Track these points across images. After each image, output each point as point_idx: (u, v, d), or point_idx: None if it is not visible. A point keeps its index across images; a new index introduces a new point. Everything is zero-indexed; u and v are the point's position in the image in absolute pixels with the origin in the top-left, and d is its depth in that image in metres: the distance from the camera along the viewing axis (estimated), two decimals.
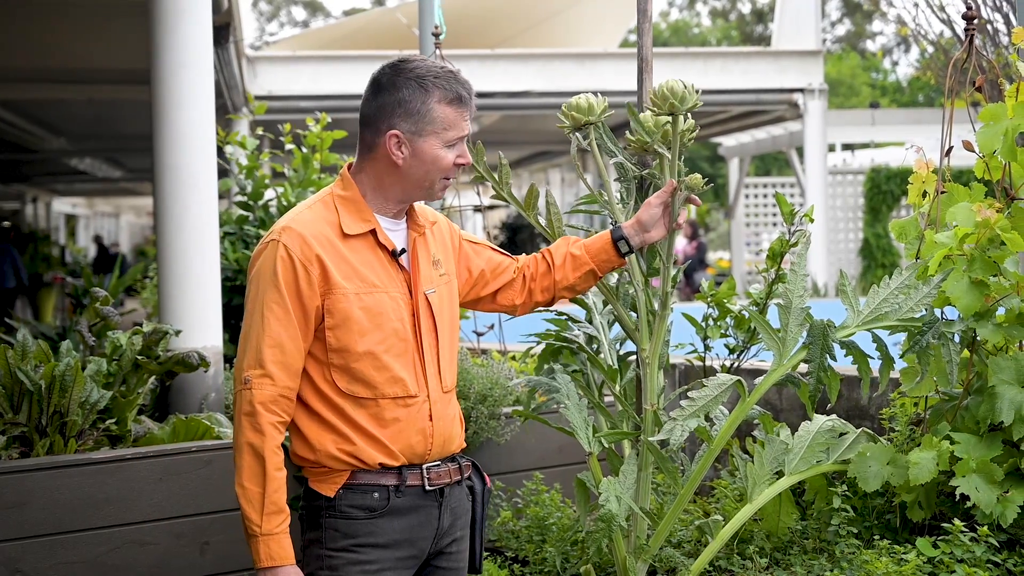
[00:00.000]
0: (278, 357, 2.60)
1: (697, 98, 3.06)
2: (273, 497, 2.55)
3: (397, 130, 2.66)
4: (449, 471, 2.75)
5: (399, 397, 2.67)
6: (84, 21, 9.62)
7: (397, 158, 2.67)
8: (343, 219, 2.68)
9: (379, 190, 2.72)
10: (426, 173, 2.69)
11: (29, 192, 26.88)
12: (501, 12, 20.01)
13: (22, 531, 3.67)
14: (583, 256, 3.03)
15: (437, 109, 2.66)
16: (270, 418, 2.57)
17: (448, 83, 2.68)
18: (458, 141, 2.71)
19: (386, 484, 2.66)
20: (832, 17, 47.67)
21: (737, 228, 21.65)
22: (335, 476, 2.65)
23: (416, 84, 2.66)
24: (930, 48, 9.86)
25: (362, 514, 2.64)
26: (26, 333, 4.29)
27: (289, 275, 2.60)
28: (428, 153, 2.67)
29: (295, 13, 56.67)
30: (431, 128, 2.67)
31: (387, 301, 2.67)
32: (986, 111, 3.43)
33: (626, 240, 3.02)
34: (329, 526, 2.65)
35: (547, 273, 3.04)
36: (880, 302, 3.23)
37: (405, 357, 2.69)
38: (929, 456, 3.26)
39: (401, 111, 2.66)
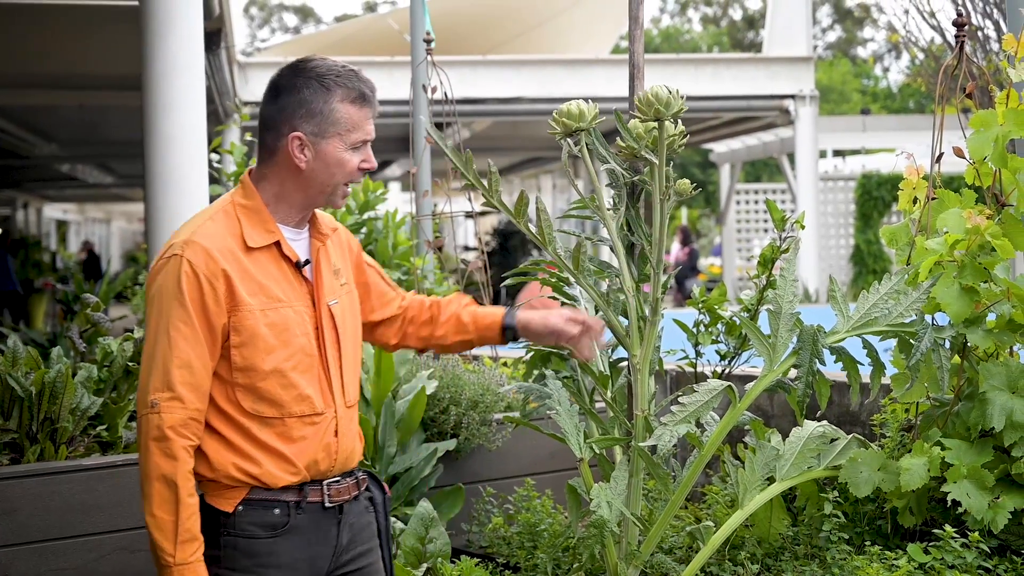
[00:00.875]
0: (187, 378, 2.46)
1: (682, 103, 3.07)
2: (187, 524, 2.43)
3: (299, 132, 2.55)
4: (348, 487, 2.67)
5: (306, 415, 2.57)
6: (75, 27, 9.61)
7: (300, 161, 2.56)
8: (246, 231, 2.55)
9: (282, 197, 2.61)
10: (330, 177, 2.59)
11: (20, 198, 26.84)
12: (492, 18, 20.03)
13: (12, 538, 3.66)
14: (469, 325, 2.95)
15: (340, 109, 2.57)
16: (182, 442, 2.44)
17: (350, 81, 2.59)
18: (362, 144, 2.62)
19: (287, 500, 2.56)
20: (823, 23, 47.78)
21: (729, 234, 21.67)
22: (234, 492, 2.54)
23: (317, 83, 2.57)
24: (921, 55, 9.89)
25: (263, 533, 2.54)
26: (16, 339, 4.28)
27: (195, 292, 2.47)
28: (332, 156, 2.57)
29: (286, 19, 56.68)
30: (334, 129, 2.57)
31: (292, 316, 2.57)
32: (976, 118, 3.44)
33: (513, 331, 2.96)
34: (228, 544, 2.53)
35: (428, 323, 2.96)
36: (870, 307, 3.23)
37: (311, 373, 2.59)
38: (920, 462, 3.26)
39: (303, 112, 2.56)
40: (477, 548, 4.24)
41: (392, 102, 14.23)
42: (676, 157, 3.22)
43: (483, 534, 4.18)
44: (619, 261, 3.26)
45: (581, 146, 3.19)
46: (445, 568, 3.69)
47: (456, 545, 4.27)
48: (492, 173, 3.23)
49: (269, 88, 2.63)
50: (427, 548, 3.88)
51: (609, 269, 3.36)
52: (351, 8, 52.44)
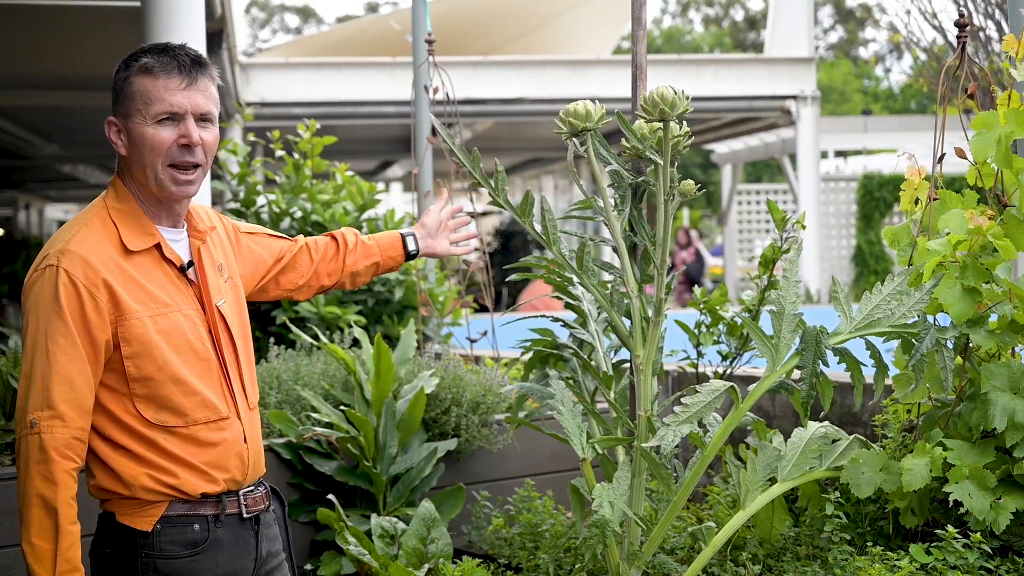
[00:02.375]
0: (68, 395, 2.32)
1: (687, 104, 3.07)
2: (67, 554, 2.30)
3: (112, 116, 2.46)
4: (262, 496, 2.60)
5: (211, 421, 2.48)
6: (77, 28, 9.62)
7: (119, 147, 2.46)
8: (124, 235, 2.43)
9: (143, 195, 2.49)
10: (142, 159, 2.44)
11: (22, 198, 26.84)
12: (493, 19, 20.03)
13: (14, 538, 3.64)
14: (373, 247, 3.01)
15: (135, 82, 2.42)
16: (64, 465, 2.30)
17: (149, 56, 2.44)
18: (167, 116, 2.43)
19: (205, 514, 2.46)
20: (825, 24, 47.78)
21: (730, 235, 21.67)
22: (151, 508, 2.42)
23: (123, 65, 2.46)
24: (922, 55, 9.88)
25: (184, 551, 2.43)
26: (18, 339, 4.28)
27: (74, 303, 2.34)
28: (136, 133, 2.43)
29: (288, 20, 56.68)
30: (133, 105, 2.42)
31: (183, 320, 2.46)
32: (978, 119, 3.44)
33: (414, 237, 3.04)
34: (147, 567, 2.41)
35: (335, 256, 2.96)
36: (873, 308, 3.23)
37: (210, 377, 2.50)
38: (922, 463, 3.26)
39: (114, 96, 2.46)
40: (479, 549, 4.24)
41: (393, 103, 14.29)
42: (679, 157, 3.22)
43: (484, 535, 4.18)
44: (622, 262, 3.26)
45: (587, 146, 3.19)
46: (447, 569, 3.69)
47: (458, 546, 4.27)
48: (499, 172, 3.23)
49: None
50: (428, 549, 3.88)
51: (612, 270, 3.36)
52: (352, 9, 52.55)
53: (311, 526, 4.27)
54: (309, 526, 4.26)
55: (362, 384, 4.38)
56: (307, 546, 4.25)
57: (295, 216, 6.15)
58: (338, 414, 4.34)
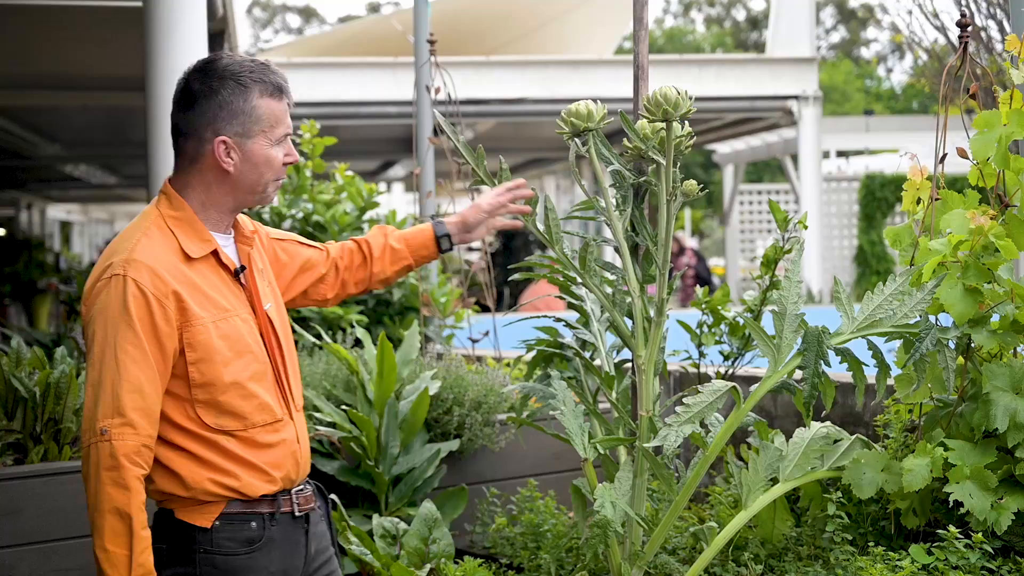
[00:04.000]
0: (139, 403, 2.36)
1: (690, 104, 3.07)
2: (141, 559, 2.33)
3: (224, 135, 2.49)
4: (311, 494, 2.65)
5: (268, 423, 2.53)
6: (79, 28, 9.61)
7: (228, 165, 2.50)
8: (183, 242, 2.48)
9: (210, 204, 2.54)
10: (259, 176, 2.54)
11: (24, 199, 26.83)
12: (495, 19, 20.02)
13: (16, 538, 3.66)
14: (403, 250, 2.97)
15: (261, 106, 2.51)
16: (135, 471, 2.34)
17: (265, 75, 2.53)
18: (284, 138, 2.57)
19: (262, 512, 2.52)
20: (827, 24, 47.77)
21: (732, 235, 21.66)
22: (210, 507, 2.47)
23: (234, 83, 2.50)
24: (924, 55, 9.88)
25: (241, 548, 2.48)
26: (20, 340, 4.28)
27: (143, 313, 2.38)
28: (259, 155, 2.52)
29: (290, 20, 56.71)
30: (258, 127, 2.51)
31: (241, 324, 2.52)
32: (980, 118, 3.44)
33: (448, 237, 2.99)
34: (205, 562, 2.46)
35: (363, 265, 2.95)
36: (874, 308, 3.23)
37: (267, 381, 2.56)
38: (923, 463, 3.26)
39: (224, 114, 2.49)
40: (481, 549, 4.24)
41: (395, 103, 14.27)
42: (681, 158, 3.22)
43: (487, 535, 4.18)
44: (624, 262, 3.26)
45: (589, 146, 3.19)
46: (448, 568, 3.69)
47: (460, 546, 4.27)
48: (503, 170, 3.23)
49: (181, 94, 2.57)
50: (430, 549, 3.88)
51: (614, 270, 3.36)
52: (354, 9, 52.54)
53: None
54: None
55: (364, 384, 4.39)
56: None
57: (296, 217, 6.15)
58: (340, 414, 4.34)
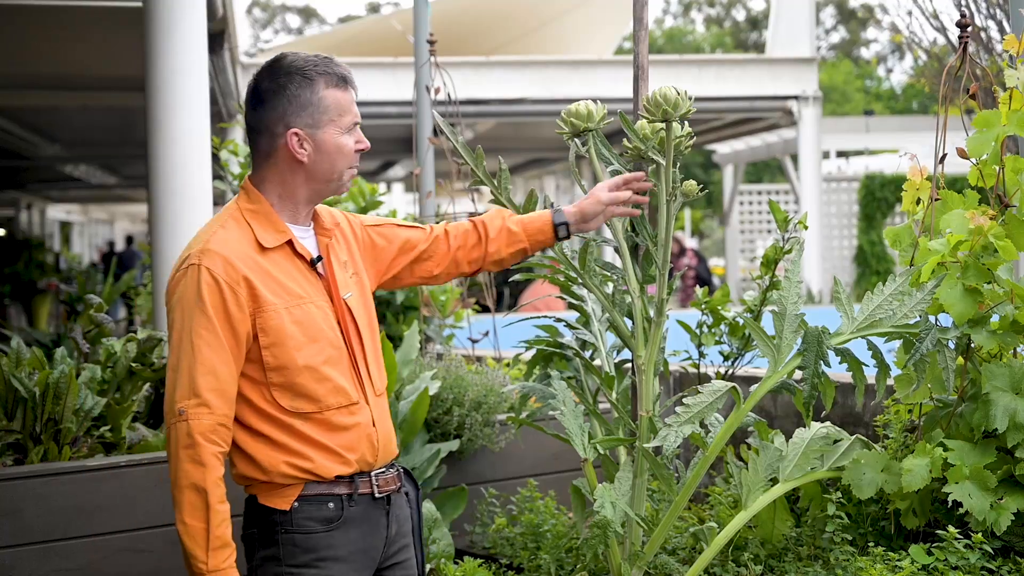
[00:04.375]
0: (213, 384, 2.50)
1: (690, 104, 3.07)
2: (217, 532, 2.47)
3: (295, 128, 2.62)
4: (392, 477, 2.74)
5: (342, 406, 2.63)
6: (79, 28, 9.61)
7: (301, 156, 2.63)
8: (258, 233, 2.62)
9: (287, 196, 2.67)
10: (332, 165, 2.66)
11: (24, 199, 26.84)
12: (495, 19, 20.03)
13: (16, 538, 3.66)
14: (520, 233, 3.03)
15: (328, 96, 2.64)
16: (211, 449, 2.48)
17: (329, 67, 2.65)
18: (353, 126, 2.69)
19: (339, 494, 2.62)
20: (827, 24, 47.78)
21: (732, 235, 21.66)
22: (288, 490, 2.59)
23: (299, 76, 2.62)
24: (924, 56, 9.88)
25: (320, 527, 2.60)
26: (20, 340, 4.28)
27: (217, 299, 2.53)
28: (331, 143, 2.65)
29: (289, 20, 56.72)
30: (327, 117, 2.63)
31: (315, 311, 2.63)
32: (980, 117, 3.44)
33: (566, 226, 3.04)
34: (287, 542, 2.58)
35: (477, 244, 3.03)
36: (874, 309, 3.23)
37: (341, 365, 2.66)
38: (922, 463, 3.26)
39: (293, 108, 2.62)
40: (480, 549, 4.24)
41: (395, 103, 14.26)
42: (681, 158, 3.22)
43: (486, 535, 4.18)
44: (624, 262, 3.26)
45: (589, 146, 3.19)
46: (448, 569, 3.69)
47: (459, 546, 4.27)
48: (502, 171, 3.23)
49: (252, 94, 2.68)
50: (430, 549, 3.88)
51: (614, 270, 3.36)
52: (354, 9, 52.57)
53: None
54: None
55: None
56: None
57: None
58: None
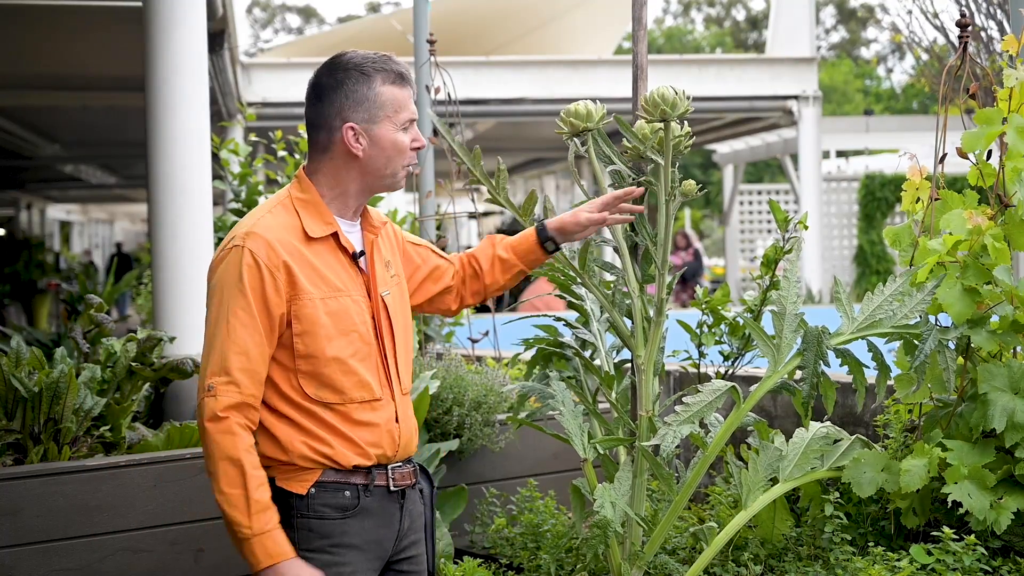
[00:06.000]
0: (244, 364, 2.55)
1: (688, 104, 3.07)
2: (256, 496, 2.50)
3: (352, 122, 2.65)
4: (408, 473, 2.76)
5: (366, 401, 2.66)
6: (79, 28, 9.62)
7: (357, 150, 2.66)
8: (305, 222, 2.65)
9: (338, 189, 2.70)
10: (388, 160, 2.69)
11: (24, 199, 26.85)
12: (494, 19, 20.02)
13: (16, 538, 3.66)
14: (511, 259, 3.06)
15: (384, 92, 2.66)
16: (238, 419, 2.52)
17: (387, 65, 2.68)
18: (410, 124, 2.71)
19: (355, 483, 2.65)
20: (827, 24, 47.77)
21: (732, 235, 21.66)
22: (307, 474, 2.62)
23: (357, 72, 2.66)
24: (924, 55, 9.88)
25: (336, 514, 2.63)
26: (20, 340, 4.28)
27: (256, 282, 2.56)
28: (386, 139, 2.67)
29: (289, 20, 56.70)
30: (383, 113, 2.66)
31: (351, 305, 2.66)
32: (980, 114, 3.44)
33: (553, 240, 3.05)
34: (303, 526, 2.61)
35: (476, 277, 3.07)
36: (874, 309, 3.23)
37: (369, 361, 2.68)
38: (920, 463, 3.26)
39: (350, 103, 2.65)
40: (480, 549, 4.24)
41: None
42: (680, 158, 3.22)
43: (486, 535, 4.18)
44: (623, 262, 3.26)
45: (589, 146, 3.19)
46: (448, 568, 3.69)
47: (459, 546, 4.27)
48: (500, 171, 3.23)
49: (312, 89, 2.71)
50: None
51: (613, 270, 3.36)
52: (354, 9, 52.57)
53: None
54: None
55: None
56: None
57: None
58: None
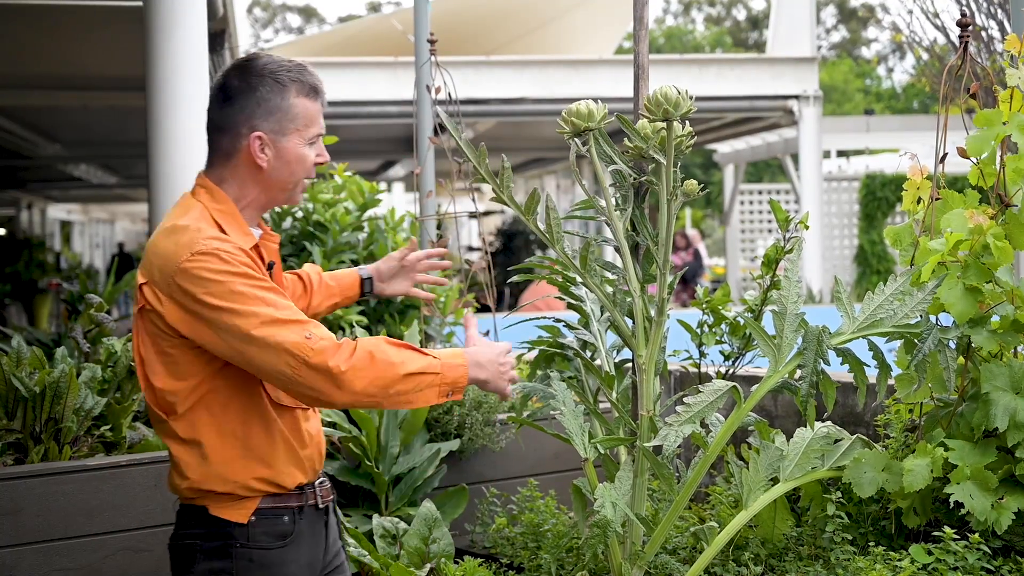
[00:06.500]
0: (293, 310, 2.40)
1: (691, 104, 3.07)
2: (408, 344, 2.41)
3: (260, 131, 2.52)
4: (328, 487, 2.68)
5: (304, 408, 2.59)
6: (79, 27, 9.61)
7: (261, 160, 2.53)
8: (231, 235, 2.49)
9: (243, 199, 2.57)
10: (291, 174, 2.57)
11: (24, 198, 26.85)
12: (495, 19, 20.02)
13: (16, 538, 3.66)
14: (335, 288, 3.04)
15: (298, 104, 2.56)
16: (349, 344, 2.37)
17: (302, 75, 2.59)
18: (317, 139, 2.61)
19: (292, 506, 2.54)
20: (827, 24, 47.78)
21: (732, 235, 21.66)
22: (247, 502, 2.49)
23: (272, 80, 2.54)
24: (925, 55, 9.88)
25: (276, 542, 2.50)
26: (20, 340, 4.28)
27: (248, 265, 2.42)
28: (292, 152, 2.56)
29: (290, 20, 56.72)
30: (293, 126, 2.55)
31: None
32: (981, 116, 3.44)
33: (370, 280, 3.06)
34: (242, 556, 2.46)
35: (304, 295, 3.00)
36: (875, 308, 3.23)
37: None
38: (923, 463, 3.25)
39: (261, 111, 2.53)
40: (481, 548, 4.24)
41: (395, 102, 14.26)
42: (682, 157, 3.22)
43: (487, 534, 4.18)
44: (624, 262, 3.26)
45: (590, 146, 3.19)
46: (448, 568, 3.69)
47: (460, 545, 4.27)
48: (505, 169, 3.22)
49: (218, 91, 2.57)
50: (430, 548, 3.88)
51: (614, 270, 3.35)
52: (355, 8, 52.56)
53: None
54: None
55: None
56: None
57: (296, 216, 6.14)
58: (340, 414, 4.33)
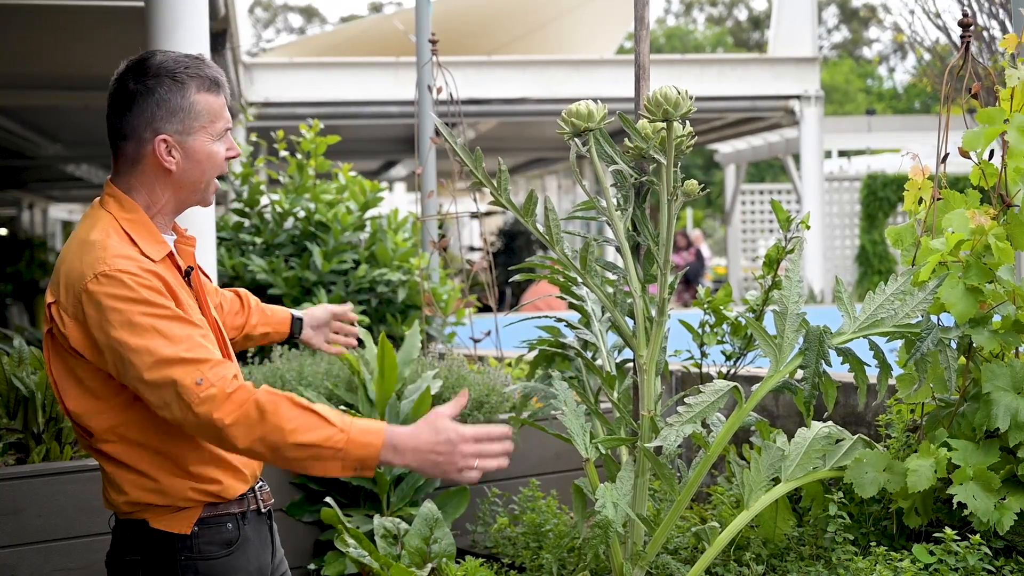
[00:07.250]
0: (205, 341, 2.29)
1: (691, 104, 3.07)
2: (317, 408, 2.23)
3: (164, 134, 2.40)
4: (269, 491, 2.61)
5: None
6: (81, 27, 9.62)
7: (169, 164, 2.41)
8: (142, 246, 2.38)
9: (153, 205, 2.45)
10: (202, 174, 2.46)
11: (26, 198, 26.86)
12: (497, 19, 20.03)
13: (18, 538, 3.66)
14: (271, 318, 2.99)
15: (200, 101, 2.43)
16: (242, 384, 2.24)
17: (201, 69, 2.46)
18: (225, 133, 2.49)
19: (234, 512, 2.47)
20: (828, 24, 47.77)
21: (734, 235, 21.66)
22: (188, 513, 2.41)
23: (169, 79, 2.41)
24: (926, 55, 9.88)
25: (222, 551, 2.43)
26: (22, 340, 4.28)
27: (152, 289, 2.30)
28: (202, 151, 2.44)
29: (291, 20, 56.71)
30: (198, 123, 2.43)
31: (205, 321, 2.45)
32: (983, 113, 3.44)
33: (300, 321, 3.02)
34: (188, 568, 2.39)
35: (240, 312, 2.93)
36: (876, 308, 3.23)
37: None
38: (927, 464, 3.25)
39: (162, 113, 2.40)
40: (482, 548, 4.24)
41: (397, 103, 14.29)
42: (683, 157, 3.22)
43: (488, 534, 4.18)
44: (625, 262, 3.26)
45: (590, 146, 3.19)
46: (450, 568, 3.69)
47: (461, 545, 4.27)
48: (502, 172, 3.22)
49: (117, 96, 2.45)
50: (431, 548, 3.88)
51: (615, 270, 3.35)
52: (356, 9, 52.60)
53: (315, 526, 4.26)
54: (313, 526, 4.26)
55: (366, 384, 4.38)
56: (311, 546, 4.25)
57: (298, 216, 6.15)
58: None
